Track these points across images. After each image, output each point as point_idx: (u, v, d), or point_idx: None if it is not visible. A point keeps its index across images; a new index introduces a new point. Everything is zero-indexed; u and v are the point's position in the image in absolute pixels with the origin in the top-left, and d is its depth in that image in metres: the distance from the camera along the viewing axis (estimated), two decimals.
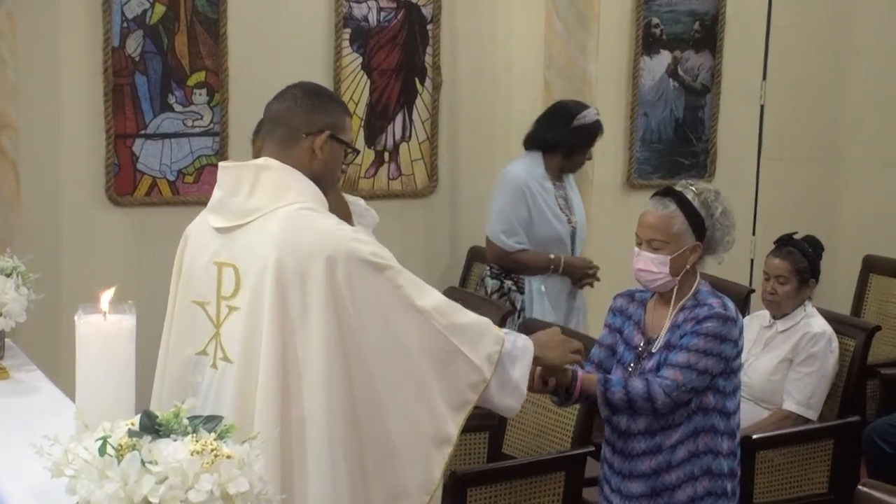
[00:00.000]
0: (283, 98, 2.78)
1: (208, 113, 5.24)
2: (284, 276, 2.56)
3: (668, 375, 3.18)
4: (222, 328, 2.67)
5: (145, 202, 5.19)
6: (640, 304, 3.42)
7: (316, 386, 2.54)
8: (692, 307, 3.27)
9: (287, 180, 2.67)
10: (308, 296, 2.55)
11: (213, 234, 2.71)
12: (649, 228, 3.27)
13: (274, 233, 2.60)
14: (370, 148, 5.59)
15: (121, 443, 1.96)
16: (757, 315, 4.49)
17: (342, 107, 2.85)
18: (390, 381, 2.61)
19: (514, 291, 4.87)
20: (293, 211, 2.63)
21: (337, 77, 5.45)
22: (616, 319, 3.46)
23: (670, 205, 3.25)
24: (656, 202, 3.28)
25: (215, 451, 1.93)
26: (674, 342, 3.25)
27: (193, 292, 2.75)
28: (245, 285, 2.63)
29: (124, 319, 2.31)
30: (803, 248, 4.32)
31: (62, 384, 3.17)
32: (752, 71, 6.36)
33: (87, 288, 2.53)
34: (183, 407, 2.04)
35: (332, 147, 2.74)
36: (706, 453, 3.22)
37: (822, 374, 4.21)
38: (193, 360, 2.73)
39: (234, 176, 2.71)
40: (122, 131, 5.12)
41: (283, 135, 2.73)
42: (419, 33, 5.62)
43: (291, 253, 2.57)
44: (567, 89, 5.48)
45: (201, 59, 5.21)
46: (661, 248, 3.24)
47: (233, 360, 2.64)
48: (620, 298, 3.49)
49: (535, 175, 4.89)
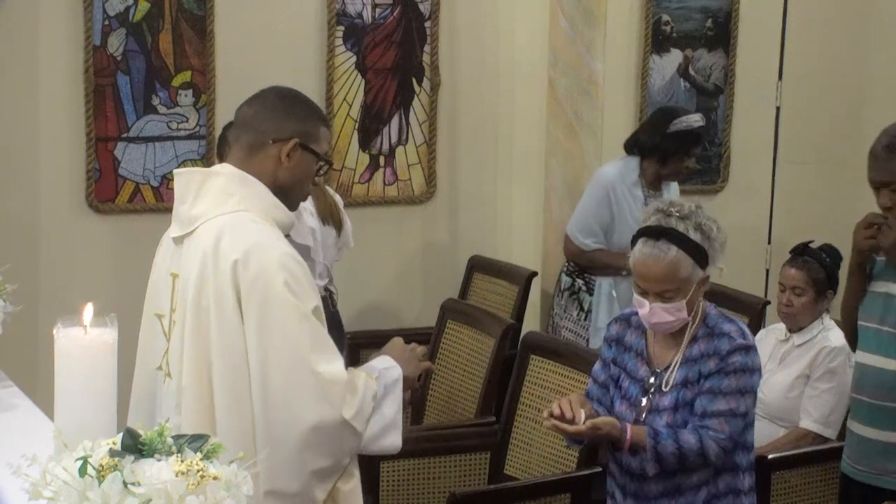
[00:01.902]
0: (255, 101, 2.78)
1: (194, 115, 5.26)
2: (204, 286, 2.60)
3: (715, 426, 3.10)
4: (170, 342, 2.73)
5: (128, 209, 5.20)
6: (639, 330, 3.31)
7: (227, 408, 2.57)
8: (707, 337, 3.20)
9: (232, 187, 2.68)
10: (218, 306, 2.58)
11: (171, 243, 2.77)
12: (656, 282, 3.15)
13: (202, 242, 2.63)
14: (364, 152, 5.60)
15: (102, 463, 1.96)
16: (772, 328, 4.50)
17: (318, 115, 2.82)
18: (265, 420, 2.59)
19: (583, 292, 5.04)
20: (228, 218, 2.64)
21: (330, 77, 5.46)
22: (611, 351, 3.35)
23: (669, 249, 3.12)
24: (652, 248, 3.14)
25: (201, 471, 1.94)
26: (692, 378, 3.17)
27: (155, 304, 2.81)
28: (180, 297, 2.68)
29: (105, 333, 2.32)
30: (820, 258, 4.33)
31: (40, 401, 3.18)
32: (767, 70, 6.37)
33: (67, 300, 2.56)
34: (167, 425, 2.05)
35: (302, 157, 2.72)
36: (727, 494, 3.20)
37: (841, 390, 4.21)
38: (154, 376, 2.79)
39: (184, 183, 2.74)
40: (103, 134, 5.13)
41: (250, 140, 2.73)
42: (416, 31, 5.63)
43: (213, 261, 2.60)
44: (573, 89, 5.50)
45: (187, 59, 5.22)
46: (675, 297, 3.13)
47: (172, 377, 2.69)
48: (616, 325, 3.38)
49: (626, 180, 5.01)
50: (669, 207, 3.19)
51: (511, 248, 5.86)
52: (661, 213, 3.19)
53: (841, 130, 6.57)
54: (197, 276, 2.61)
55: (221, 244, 2.60)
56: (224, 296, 2.58)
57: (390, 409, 2.71)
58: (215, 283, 2.59)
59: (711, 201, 6.13)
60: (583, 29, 5.49)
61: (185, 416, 2.57)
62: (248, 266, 2.57)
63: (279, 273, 2.58)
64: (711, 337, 3.18)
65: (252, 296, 2.57)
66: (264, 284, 2.57)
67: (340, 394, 2.59)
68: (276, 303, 2.57)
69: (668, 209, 3.19)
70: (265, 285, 2.57)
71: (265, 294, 2.57)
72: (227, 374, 2.58)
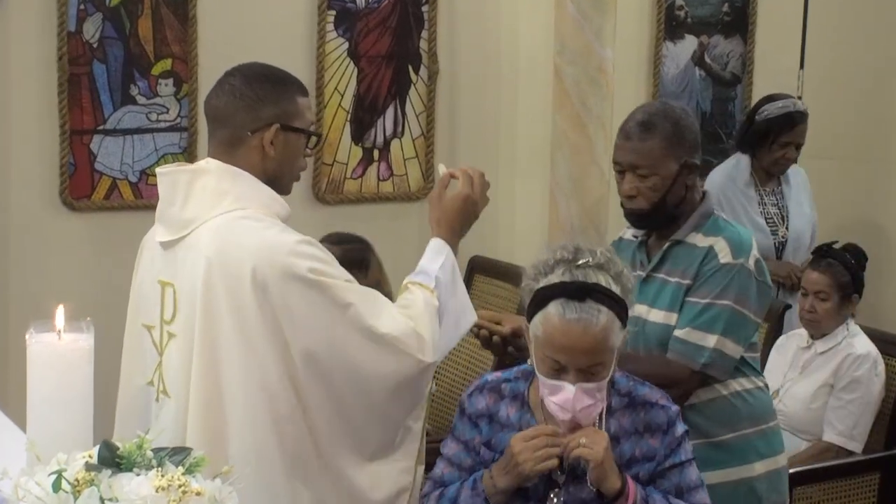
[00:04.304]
0: (221, 91, 2.73)
1: (175, 106, 5.26)
2: (213, 297, 2.56)
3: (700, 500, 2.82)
4: (164, 357, 2.69)
5: (104, 206, 5.20)
6: (517, 402, 2.83)
7: (246, 429, 2.56)
8: (626, 409, 2.79)
9: (224, 185, 2.65)
10: (238, 320, 2.55)
11: (159, 248, 2.72)
12: (584, 355, 2.65)
13: (203, 247, 2.59)
14: (357, 145, 5.61)
15: (77, 477, 1.97)
16: (793, 334, 4.51)
17: (292, 87, 2.77)
18: (346, 415, 2.62)
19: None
20: (227, 220, 2.61)
21: (320, 65, 5.47)
22: (478, 431, 2.83)
23: (600, 311, 2.65)
24: (578, 312, 2.64)
25: (183, 486, 1.94)
26: (619, 461, 2.73)
27: (143, 314, 2.77)
28: (181, 308, 2.64)
29: (81, 339, 2.32)
30: (844, 260, 4.34)
31: (11, 411, 3.18)
32: (788, 58, 6.38)
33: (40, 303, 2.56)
34: (146, 437, 2.05)
35: (287, 139, 2.70)
36: None
37: (867, 400, 4.23)
38: (144, 391, 2.75)
39: (170, 183, 2.70)
40: (78, 126, 5.13)
41: (226, 136, 2.70)
42: (413, 15, 5.64)
43: (220, 270, 2.56)
44: (580, 79, 5.50)
45: (167, 46, 5.23)
46: (601, 372, 2.68)
47: (171, 395, 2.66)
48: (482, 397, 2.85)
49: (736, 180, 5.05)
50: (576, 255, 2.73)
51: (514, 249, 5.86)
52: (566, 263, 2.73)
53: (867, 123, 6.57)
54: (203, 289, 2.57)
55: (228, 249, 2.57)
56: (245, 312, 2.54)
57: (456, 299, 2.81)
58: (230, 294, 2.55)
59: None
60: (591, 14, 5.50)
61: (190, 438, 2.55)
62: (268, 271, 2.54)
63: (302, 263, 2.56)
64: (633, 408, 2.80)
65: (287, 297, 2.54)
66: (293, 282, 2.55)
67: (414, 343, 2.66)
68: (313, 294, 2.56)
69: (574, 257, 2.73)
70: (295, 282, 2.55)
71: (299, 290, 2.55)
72: (250, 391, 2.55)
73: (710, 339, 3.14)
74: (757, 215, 4.98)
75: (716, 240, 3.19)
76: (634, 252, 3.35)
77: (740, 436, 3.23)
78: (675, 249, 3.25)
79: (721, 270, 3.16)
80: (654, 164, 3.18)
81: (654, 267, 3.27)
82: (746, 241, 3.22)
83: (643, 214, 3.23)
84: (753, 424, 3.25)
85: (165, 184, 2.71)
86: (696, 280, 3.18)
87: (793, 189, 5.09)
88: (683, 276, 3.20)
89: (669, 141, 3.18)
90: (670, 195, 3.20)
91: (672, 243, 3.25)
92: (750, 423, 3.25)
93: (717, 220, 3.26)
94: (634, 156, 3.20)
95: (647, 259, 3.31)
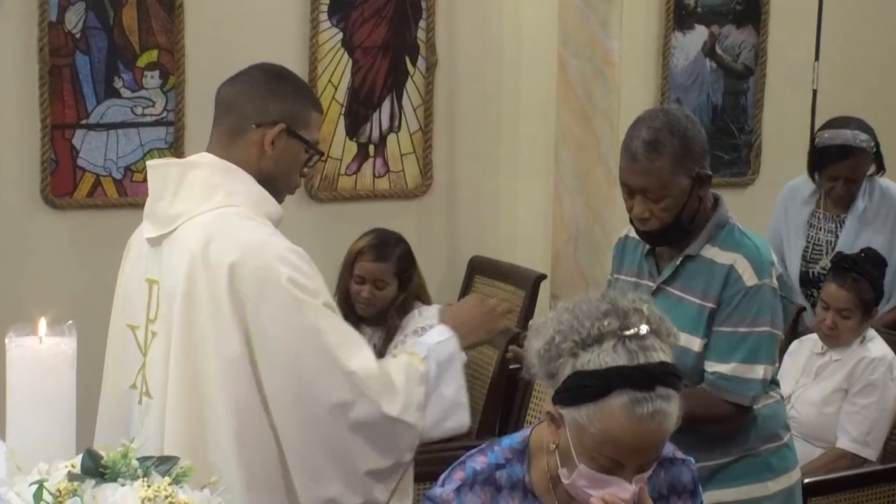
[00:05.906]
0: (239, 80, 2.76)
1: (161, 99, 5.27)
2: (195, 293, 2.58)
3: None
4: (147, 357, 2.70)
5: (87, 204, 5.20)
6: (517, 490, 2.44)
7: (221, 436, 2.57)
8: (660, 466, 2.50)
9: (215, 179, 2.67)
10: (214, 310, 2.56)
11: (146, 246, 2.74)
12: (653, 450, 2.34)
13: (189, 243, 2.61)
14: (352, 140, 5.61)
15: (59, 487, 1.97)
16: (806, 339, 4.50)
17: (309, 97, 2.81)
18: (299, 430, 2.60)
19: None
20: (216, 216, 2.63)
21: (313, 56, 5.47)
22: None
23: (669, 402, 2.29)
24: (648, 407, 2.26)
25: (170, 497, 1.95)
26: None
27: (128, 314, 2.78)
28: (162, 304, 2.65)
29: (63, 343, 2.33)
30: (868, 273, 4.30)
31: None
32: (802, 49, 6.39)
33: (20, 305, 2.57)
34: (131, 446, 2.06)
35: (288, 145, 2.72)
36: None
37: (883, 406, 4.23)
38: (127, 395, 2.76)
39: (160, 177, 2.71)
40: (60, 121, 5.13)
41: (231, 124, 2.71)
42: (410, 4, 5.64)
43: (203, 265, 2.58)
44: (586, 71, 5.50)
45: (153, 36, 5.23)
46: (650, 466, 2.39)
47: (153, 396, 2.67)
48: (471, 496, 2.39)
49: (802, 191, 4.95)
50: (625, 321, 2.29)
51: (515, 248, 5.87)
52: (615, 335, 2.28)
53: (885, 116, 6.57)
54: (185, 282, 2.59)
55: (212, 246, 2.59)
56: (220, 305, 2.56)
57: (449, 388, 2.74)
58: (209, 291, 2.57)
59: (741, 195, 6.16)
60: (597, 3, 5.50)
61: (168, 438, 2.56)
62: (247, 268, 2.55)
63: (282, 271, 2.57)
64: (670, 463, 2.56)
65: (260, 303, 2.55)
66: (269, 287, 2.56)
67: (377, 388, 2.61)
68: (286, 306, 2.56)
69: (622, 323, 2.29)
70: (271, 288, 2.56)
71: (274, 298, 2.56)
72: (225, 392, 2.56)
73: (757, 371, 3.12)
74: (799, 236, 4.94)
75: (735, 257, 3.13)
76: (641, 260, 3.30)
77: (753, 453, 3.24)
78: (689, 264, 3.18)
79: (748, 294, 3.11)
80: (666, 186, 3.09)
81: (665, 280, 3.22)
82: (766, 257, 3.17)
83: (658, 234, 3.18)
84: (766, 442, 3.25)
85: (155, 177, 2.72)
86: (722, 305, 3.12)
87: (860, 222, 4.88)
88: (705, 297, 3.14)
89: (678, 158, 3.09)
90: (685, 211, 3.13)
91: (686, 258, 3.18)
92: (763, 441, 3.24)
93: (732, 230, 3.19)
94: (644, 179, 3.10)
95: (656, 269, 3.26)
